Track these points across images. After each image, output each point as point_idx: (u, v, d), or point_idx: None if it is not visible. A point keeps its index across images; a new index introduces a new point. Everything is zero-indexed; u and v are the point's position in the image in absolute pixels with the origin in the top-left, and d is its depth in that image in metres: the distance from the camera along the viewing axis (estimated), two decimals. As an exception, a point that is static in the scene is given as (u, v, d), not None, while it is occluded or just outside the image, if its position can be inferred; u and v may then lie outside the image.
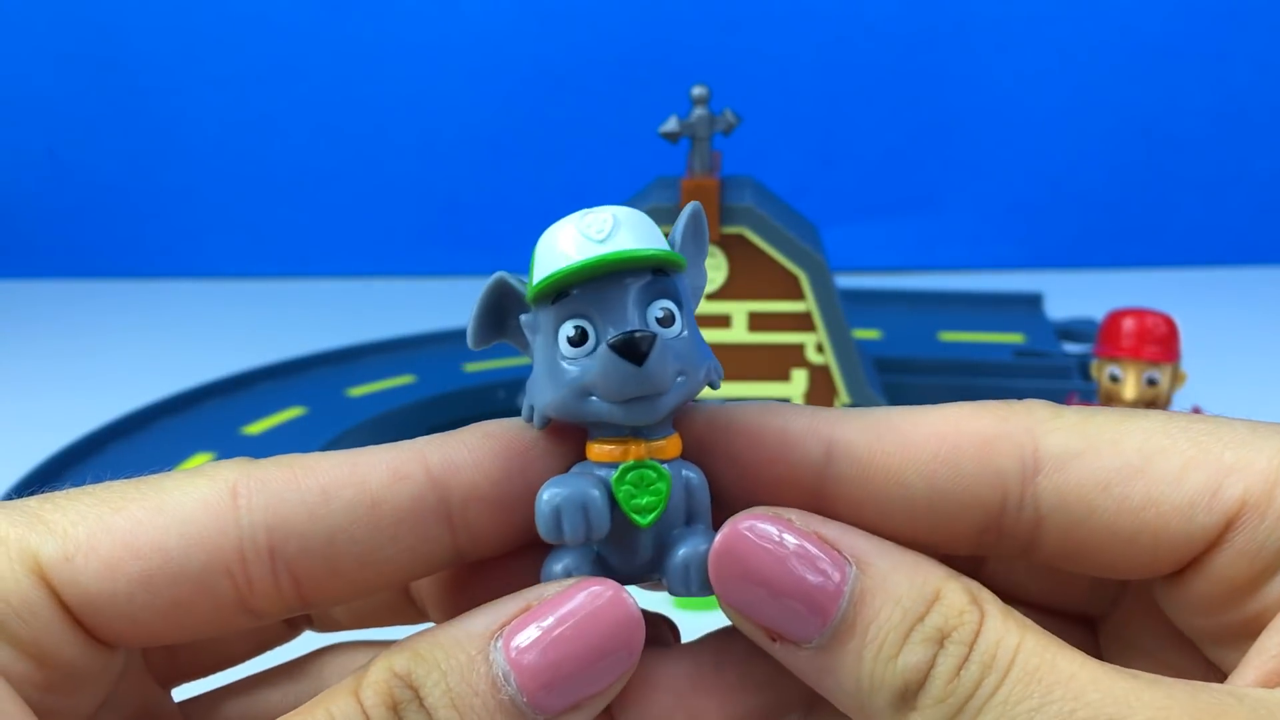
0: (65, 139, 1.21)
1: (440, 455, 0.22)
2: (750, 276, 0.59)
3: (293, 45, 1.17)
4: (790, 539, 0.21)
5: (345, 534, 0.21)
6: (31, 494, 0.23)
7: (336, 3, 1.16)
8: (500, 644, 0.20)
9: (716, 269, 0.59)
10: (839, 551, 0.21)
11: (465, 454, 0.22)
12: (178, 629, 0.22)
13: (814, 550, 0.21)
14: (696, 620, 0.61)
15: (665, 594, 0.23)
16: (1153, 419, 0.22)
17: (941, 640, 0.20)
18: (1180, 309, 0.68)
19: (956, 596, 0.20)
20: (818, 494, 0.22)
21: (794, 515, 0.21)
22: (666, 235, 0.24)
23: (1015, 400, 0.23)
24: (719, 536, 0.21)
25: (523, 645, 0.20)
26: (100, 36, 1.17)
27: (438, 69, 1.16)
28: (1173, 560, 0.21)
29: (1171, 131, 1.13)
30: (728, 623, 0.23)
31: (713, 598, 0.22)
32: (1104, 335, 0.66)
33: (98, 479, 0.23)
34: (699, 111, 0.58)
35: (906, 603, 0.20)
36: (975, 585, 0.21)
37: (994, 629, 0.20)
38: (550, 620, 0.20)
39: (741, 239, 0.58)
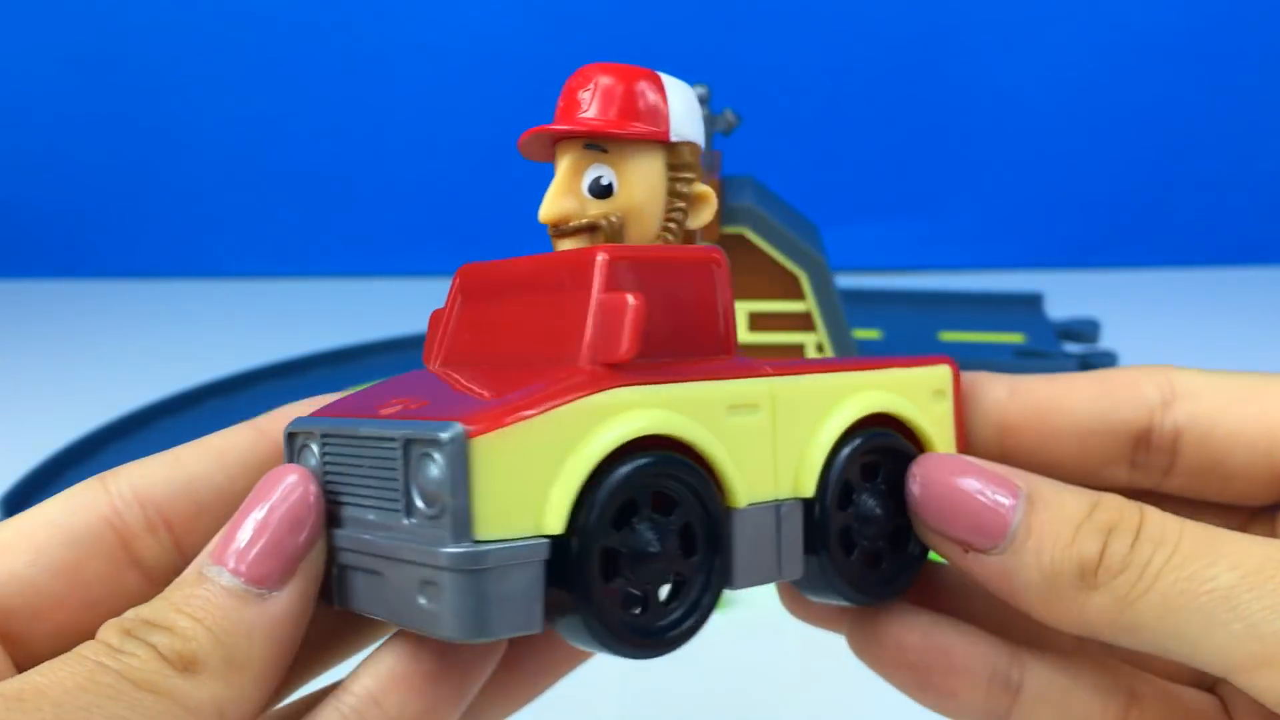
0: (66, 139, 1.21)
1: (270, 415, 0.27)
2: (750, 276, 0.59)
3: (294, 47, 1.17)
4: (972, 466, 0.26)
5: (202, 477, 0.26)
6: (31, 494, 0.24)
7: (337, 5, 1.16)
8: (209, 560, 0.23)
9: (717, 269, 0.59)
10: (1010, 479, 0.26)
11: (288, 409, 0.27)
12: (82, 593, 0.24)
13: (992, 473, 0.26)
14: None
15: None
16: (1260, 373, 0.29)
17: (1108, 530, 0.24)
18: (1180, 309, 0.68)
19: (1113, 500, 0.25)
20: (1002, 426, 0.29)
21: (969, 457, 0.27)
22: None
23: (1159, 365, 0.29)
24: (918, 471, 0.26)
25: (230, 550, 0.23)
26: (101, 37, 1.17)
27: (438, 70, 1.16)
28: None
29: (1172, 132, 1.13)
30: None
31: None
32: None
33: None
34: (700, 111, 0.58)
35: (1070, 508, 0.25)
36: (1135, 503, 0.25)
37: (1156, 519, 0.24)
38: (246, 523, 0.23)
39: (742, 239, 0.58)
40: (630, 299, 0.23)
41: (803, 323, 0.60)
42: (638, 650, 0.23)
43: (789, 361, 0.26)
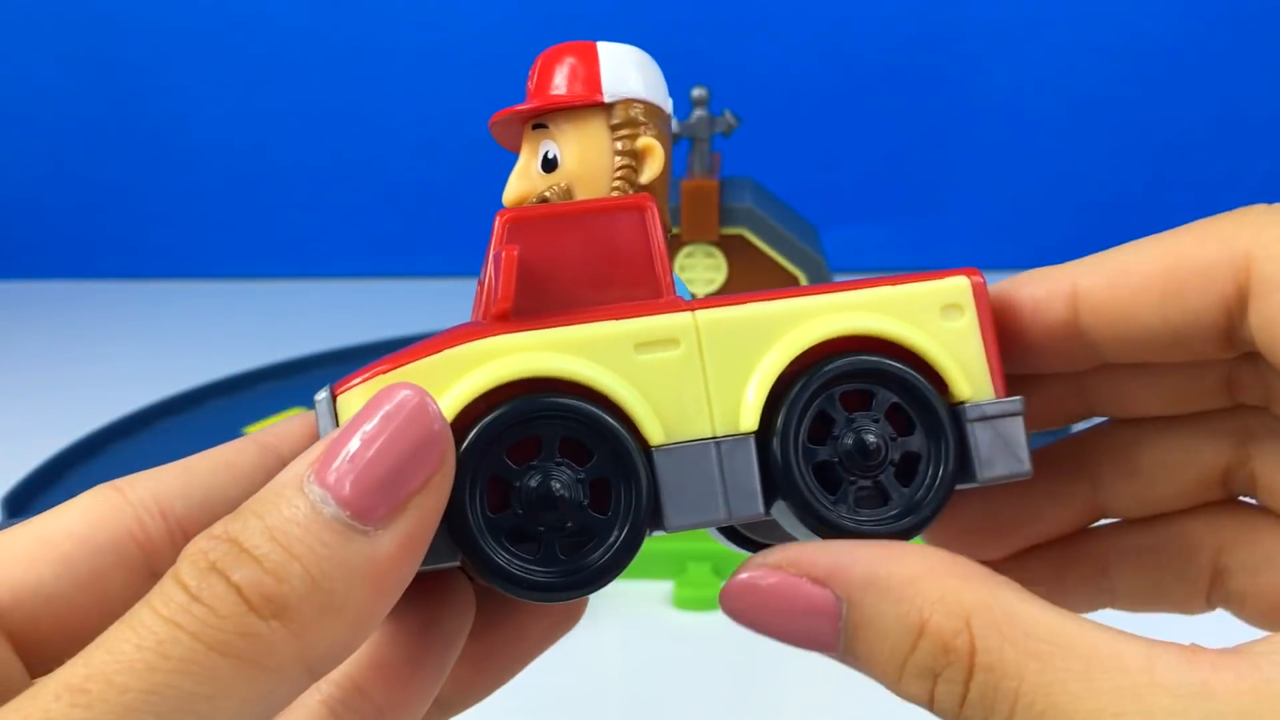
0: (67, 139, 1.21)
1: (267, 431, 0.26)
2: (750, 277, 0.59)
3: (294, 47, 1.17)
4: (781, 586, 0.22)
5: (217, 490, 0.24)
6: (33, 494, 0.24)
7: (337, 4, 1.16)
8: (313, 477, 0.20)
9: (716, 270, 0.59)
10: (831, 589, 0.22)
11: (285, 426, 0.26)
12: (105, 605, 0.23)
13: (804, 595, 0.22)
14: (697, 620, 0.62)
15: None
16: None
17: (934, 677, 0.20)
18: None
19: (942, 625, 0.21)
20: (1072, 337, 0.25)
21: (785, 557, 0.22)
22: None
23: (1246, 212, 0.24)
24: (726, 590, 0.23)
25: (333, 469, 0.20)
26: (101, 37, 1.17)
27: (438, 70, 1.16)
28: None
29: (1171, 132, 1.13)
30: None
31: (715, 599, 0.23)
32: None
33: (100, 479, 0.25)
34: (699, 113, 0.58)
35: (893, 638, 0.21)
36: (975, 600, 0.21)
37: (989, 661, 0.20)
38: (352, 440, 0.21)
39: (741, 240, 0.58)
40: (503, 252, 0.24)
41: (802, 323, 0.60)
42: (534, 593, 0.23)
43: (748, 294, 0.25)
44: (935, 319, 0.25)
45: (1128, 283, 0.24)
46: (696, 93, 0.58)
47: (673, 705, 0.51)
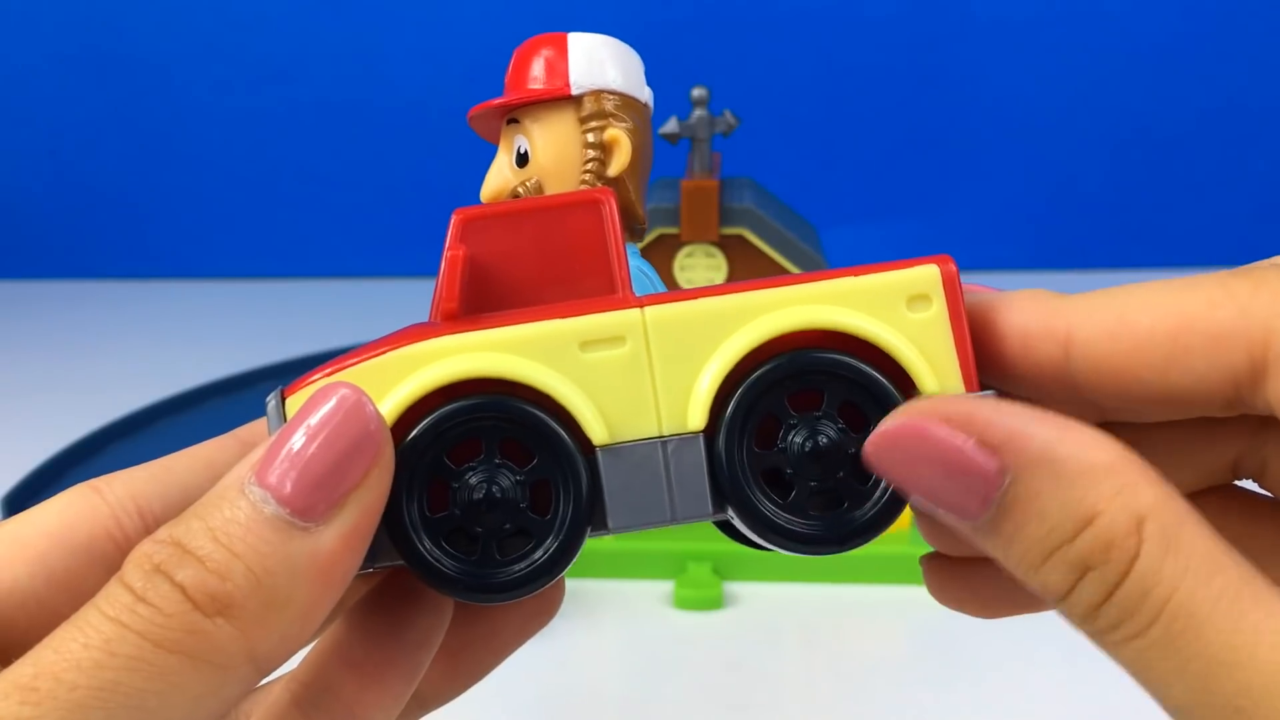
0: (67, 139, 1.21)
1: (247, 429, 0.27)
2: (749, 277, 0.59)
3: (294, 46, 1.17)
4: (949, 440, 0.20)
5: (196, 489, 0.24)
6: (32, 494, 0.24)
7: (337, 4, 1.16)
8: (253, 479, 0.21)
9: (716, 270, 0.59)
10: (1000, 458, 0.20)
11: (264, 420, 0.26)
12: (81, 604, 0.22)
13: (970, 457, 0.20)
14: (697, 620, 0.61)
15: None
16: None
17: (1084, 570, 0.19)
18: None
19: (1115, 521, 0.19)
20: (1061, 379, 0.23)
21: (958, 411, 0.21)
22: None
23: (1263, 276, 0.22)
24: (889, 424, 0.21)
25: (273, 469, 0.21)
26: (101, 37, 1.17)
27: (438, 69, 1.16)
28: None
29: (1171, 133, 1.13)
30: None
31: (715, 599, 0.23)
32: None
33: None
34: (699, 113, 0.58)
35: (1053, 522, 0.20)
36: (1152, 503, 0.19)
37: (1148, 567, 0.19)
38: (291, 440, 0.21)
39: (741, 240, 0.58)
40: (446, 252, 0.24)
41: (802, 323, 0.60)
42: (470, 594, 0.23)
43: (704, 288, 0.24)
44: (900, 310, 0.24)
45: (1130, 337, 0.22)
46: (696, 93, 0.58)
47: (673, 705, 0.51)
